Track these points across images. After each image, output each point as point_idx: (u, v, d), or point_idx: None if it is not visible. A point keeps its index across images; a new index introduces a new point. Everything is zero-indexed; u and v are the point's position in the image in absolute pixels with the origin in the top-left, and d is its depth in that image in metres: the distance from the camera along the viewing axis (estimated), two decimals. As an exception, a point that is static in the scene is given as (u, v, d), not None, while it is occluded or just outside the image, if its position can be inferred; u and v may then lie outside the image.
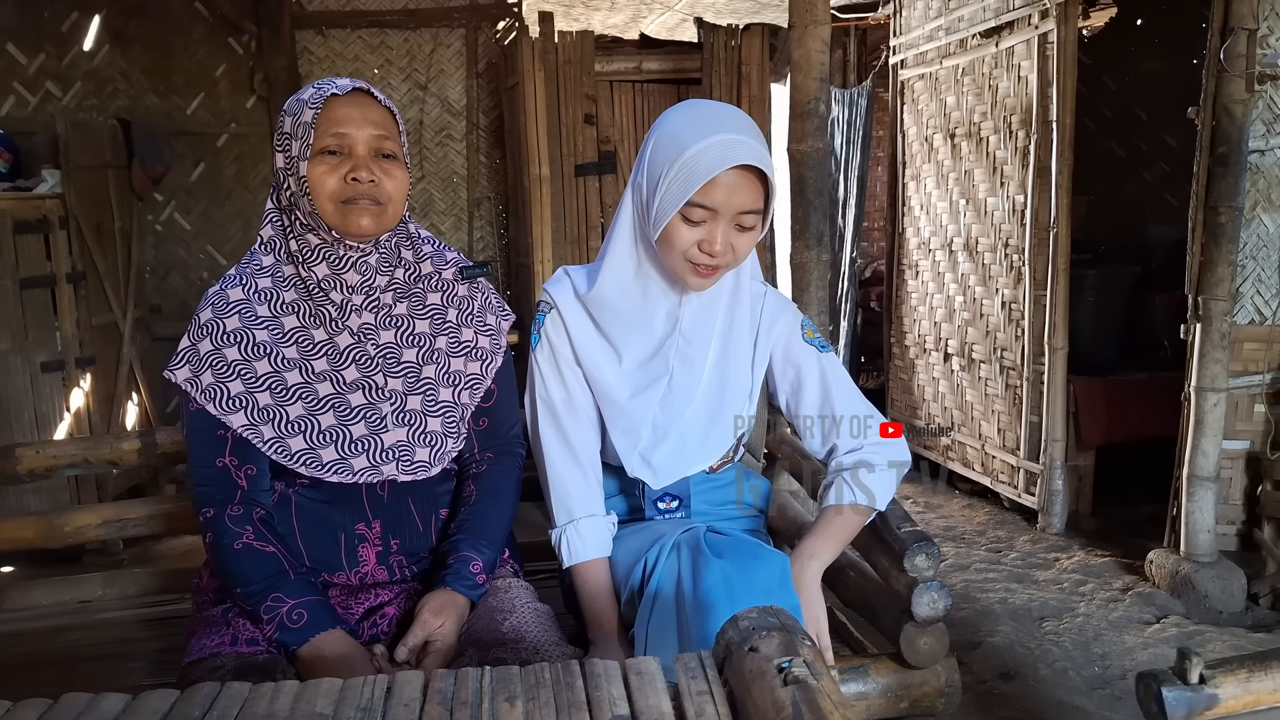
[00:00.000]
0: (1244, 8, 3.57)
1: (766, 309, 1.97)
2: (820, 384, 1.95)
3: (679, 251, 1.75)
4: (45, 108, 5.64)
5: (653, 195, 1.75)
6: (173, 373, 1.73)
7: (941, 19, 5.30)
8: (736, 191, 1.71)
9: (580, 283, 1.91)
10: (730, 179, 1.70)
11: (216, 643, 1.68)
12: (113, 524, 2.43)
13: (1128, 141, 6.19)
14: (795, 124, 3.48)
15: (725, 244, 1.73)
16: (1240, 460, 3.98)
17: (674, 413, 1.89)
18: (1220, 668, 1.47)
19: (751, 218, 1.75)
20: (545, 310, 1.93)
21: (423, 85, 6.21)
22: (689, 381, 1.89)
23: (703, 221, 1.73)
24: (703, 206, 1.71)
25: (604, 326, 1.90)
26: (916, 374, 5.84)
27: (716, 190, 1.70)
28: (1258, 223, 3.82)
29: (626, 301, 1.88)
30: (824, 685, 1.06)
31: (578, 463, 1.91)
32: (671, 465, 1.90)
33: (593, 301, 1.88)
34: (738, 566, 1.66)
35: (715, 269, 1.77)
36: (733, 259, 1.77)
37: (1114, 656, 3.45)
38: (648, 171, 1.77)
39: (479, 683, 1.16)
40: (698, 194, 1.69)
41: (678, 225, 1.73)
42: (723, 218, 1.72)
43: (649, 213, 1.77)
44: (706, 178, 1.67)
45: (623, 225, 1.85)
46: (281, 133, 1.72)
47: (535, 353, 1.94)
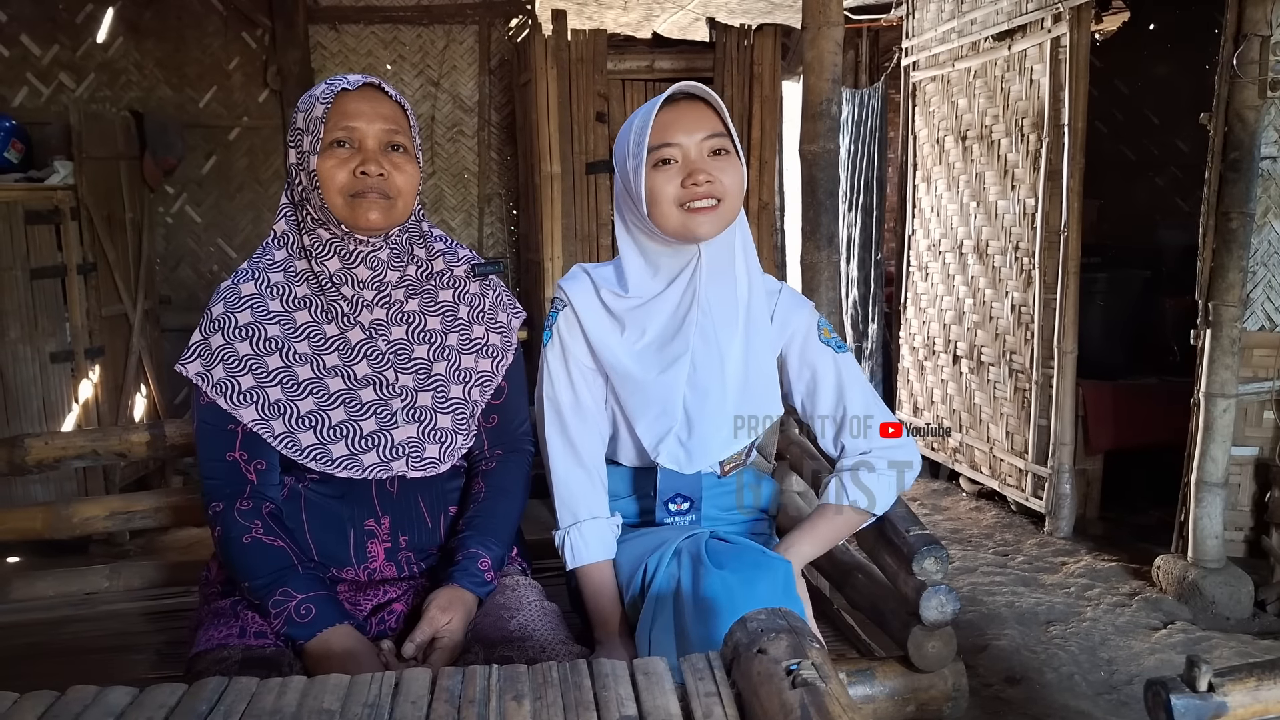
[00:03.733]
0: (1257, 14, 3.56)
1: (781, 304, 1.96)
2: (836, 384, 1.94)
3: (670, 202, 1.78)
4: (58, 99, 5.64)
5: (628, 176, 1.81)
6: (184, 366, 1.74)
7: (954, 21, 5.29)
8: (689, 120, 1.78)
9: (597, 276, 1.92)
10: (680, 112, 1.78)
11: (224, 634, 1.68)
12: (120, 515, 2.43)
13: (1139, 146, 6.17)
14: (807, 125, 3.47)
15: (705, 172, 1.76)
16: (1249, 466, 3.97)
17: (703, 393, 1.87)
18: (1229, 676, 1.46)
19: (718, 140, 1.80)
20: (559, 307, 1.92)
21: (435, 81, 6.21)
22: (713, 360, 1.87)
23: (675, 162, 1.78)
24: (665, 144, 1.77)
25: (622, 314, 1.89)
26: (925, 375, 5.83)
27: (670, 126, 1.77)
28: (1269, 229, 3.80)
29: (645, 288, 1.89)
30: (832, 688, 1.06)
31: (582, 465, 1.90)
32: (705, 447, 1.87)
33: (609, 293, 1.89)
34: (740, 576, 1.64)
35: (712, 202, 1.78)
36: (721, 188, 1.78)
37: (1120, 662, 3.44)
38: (618, 165, 1.86)
39: (486, 681, 1.16)
40: (653, 137, 1.76)
41: (655, 179, 1.78)
42: (691, 150, 1.77)
43: (633, 194, 1.81)
44: (652, 116, 1.76)
45: (620, 230, 1.90)
46: (294, 129, 1.73)
47: (546, 350, 1.93)
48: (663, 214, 1.78)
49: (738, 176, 1.81)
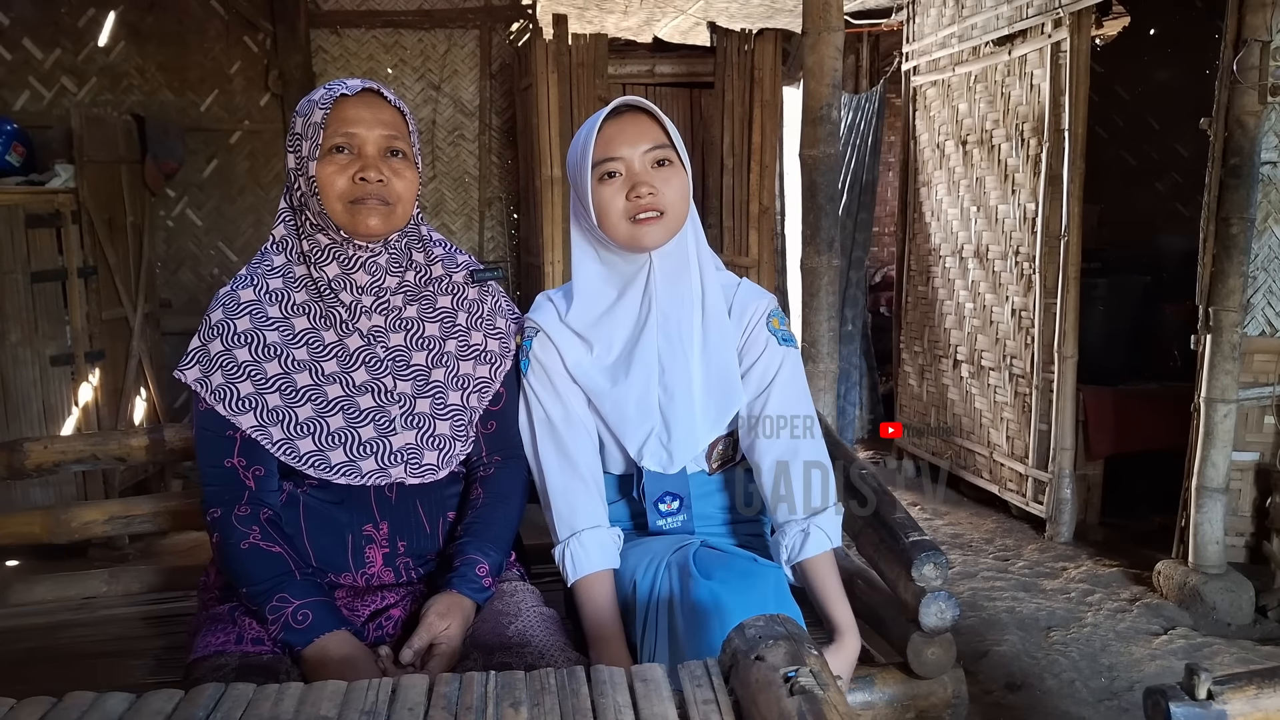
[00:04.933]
0: (1258, 19, 3.56)
1: (739, 297, 1.96)
2: (762, 374, 1.92)
3: (616, 215, 1.80)
4: (60, 102, 5.65)
5: (577, 185, 1.84)
6: (183, 373, 1.73)
7: (954, 26, 5.29)
8: (631, 134, 1.80)
9: (560, 303, 1.94)
10: (623, 124, 1.81)
11: (221, 640, 1.67)
12: (119, 520, 2.43)
13: (1139, 151, 6.17)
14: (807, 129, 3.47)
15: (648, 184, 1.78)
16: (1250, 472, 3.96)
17: (673, 394, 1.88)
18: (1229, 683, 1.46)
19: (661, 151, 1.82)
20: (531, 335, 1.93)
21: (436, 85, 6.21)
22: (679, 361, 1.88)
23: (619, 174, 1.80)
24: (609, 159, 1.80)
25: (589, 335, 1.90)
26: (925, 380, 5.82)
27: (613, 140, 1.80)
28: (1269, 234, 3.80)
29: (603, 304, 1.90)
30: (830, 695, 1.06)
31: (579, 475, 1.89)
32: (684, 445, 1.89)
33: (574, 315, 1.90)
34: (729, 587, 1.64)
35: (654, 212, 1.79)
36: (665, 200, 1.80)
37: (1121, 668, 3.43)
38: (570, 174, 1.89)
39: (484, 687, 1.16)
40: (597, 151, 1.79)
41: (600, 192, 1.80)
42: (635, 162, 1.80)
43: (584, 205, 1.83)
44: (594, 131, 1.79)
45: (575, 243, 1.92)
46: (293, 133, 1.73)
47: (528, 377, 1.93)
48: (612, 225, 1.81)
49: (682, 186, 1.83)
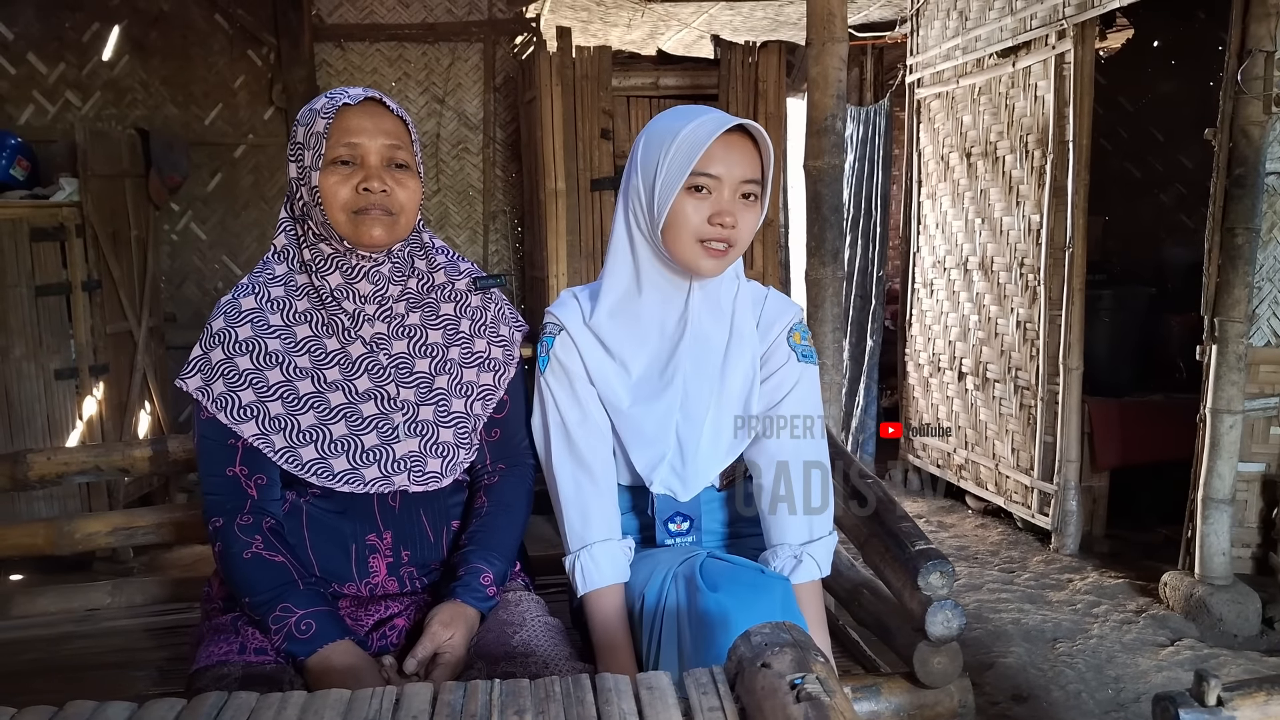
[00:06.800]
0: (1261, 30, 3.57)
1: (767, 310, 1.92)
2: (775, 389, 1.89)
3: (689, 233, 1.71)
4: (64, 116, 5.69)
5: (652, 185, 1.72)
6: (184, 381, 1.73)
7: (958, 38, 5.30)
8: (738, 156, 1.70)
9: (585, 303, 1.87)
10: (731, 145, 1.69)
11: (224, 650, 1.66)
12: (122, 532, 2.43)
13: (1144, 162, 6.17)
14: (812, 141, 3.47)
15: (732, 215, 1.71)
16: (1256, 483, 3.95)
17: (696, 421, 1.83)
18: (1238, 690, 1.45)
19: (753, 187, 1.74)
20: (553, 332, 1.86)
21: (440, 99, 6.24)
22: (704, 384, 1.83)
23: (708, 192, 1.70)
24: (707, 174, 1.69)
25: (613, 344, 1.84)
26: (930, 392, 5.81)
27: (718, 157, 1.68)
28: (1274, 245, 3.80)
29: (633, 313, 1.83)
30: (837, 702, 1.05)
31: (595, 483, 1.83)
32: (700, 474, 1.84)
33: (600, 320, 1.83)
34: (736, 599, 1.60)
35: (727, 246, 1.73)
36: (739, 236, 1.73)
37: (1128, 679, 3.42)
38: (641, 167, 1.75)
39: (488, 696, 1.15)
40: (700, 162, 1.67)
41: (684, 203, 1.70)
42: (727, 187, 1.71)
43: (650, 205, 1.73)
44: (708, 141, 1.66)
45: (617, 238, 1.83)
46: (294, 143, 1.72)
47: (545, 376, 1.87)
48: (677, 239, 1.72)
49: (755, 224, 1.77)
